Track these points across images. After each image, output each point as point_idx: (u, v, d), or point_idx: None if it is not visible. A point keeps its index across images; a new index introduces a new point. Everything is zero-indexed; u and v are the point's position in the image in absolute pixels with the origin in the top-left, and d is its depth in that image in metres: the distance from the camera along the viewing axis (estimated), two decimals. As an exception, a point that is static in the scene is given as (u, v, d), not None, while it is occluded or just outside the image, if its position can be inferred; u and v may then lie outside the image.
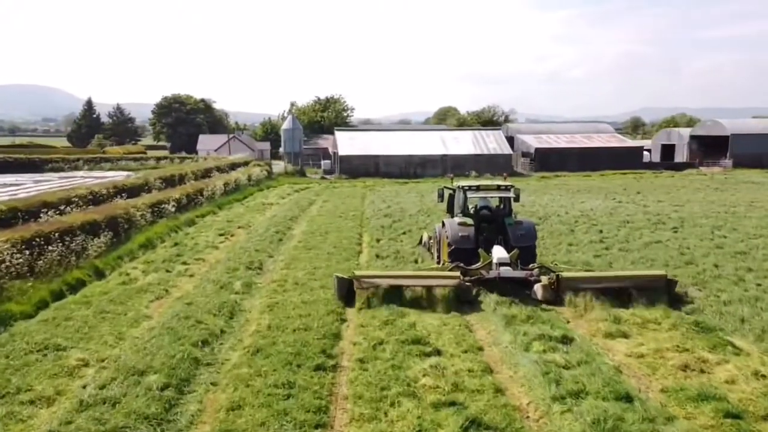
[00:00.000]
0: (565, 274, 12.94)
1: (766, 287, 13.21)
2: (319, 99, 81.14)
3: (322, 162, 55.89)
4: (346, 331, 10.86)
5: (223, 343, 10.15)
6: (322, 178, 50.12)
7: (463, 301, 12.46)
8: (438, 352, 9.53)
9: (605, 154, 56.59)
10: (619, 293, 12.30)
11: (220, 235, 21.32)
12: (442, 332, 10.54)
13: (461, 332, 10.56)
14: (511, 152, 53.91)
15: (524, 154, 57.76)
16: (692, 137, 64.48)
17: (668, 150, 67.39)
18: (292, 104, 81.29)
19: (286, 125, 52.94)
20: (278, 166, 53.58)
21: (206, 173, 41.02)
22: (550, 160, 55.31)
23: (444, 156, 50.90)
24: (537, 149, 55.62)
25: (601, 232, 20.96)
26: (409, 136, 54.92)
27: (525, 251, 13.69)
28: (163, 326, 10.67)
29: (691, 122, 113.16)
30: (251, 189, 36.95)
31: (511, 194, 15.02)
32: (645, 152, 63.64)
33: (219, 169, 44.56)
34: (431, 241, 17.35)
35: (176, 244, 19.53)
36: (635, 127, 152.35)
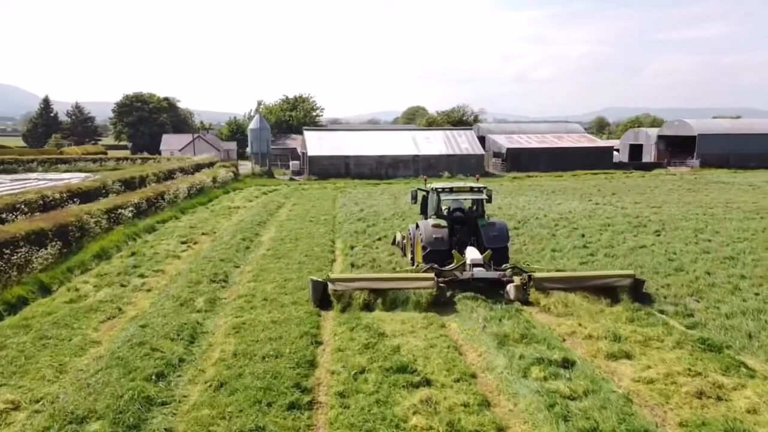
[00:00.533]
0: (537, 274, 13.01)
1: (765, 296, 12.55)
2: (287, 98, 79.27)
3: (291, 163, 54.40)
4: (322, 357, 9.71)
5: (182, 375, 8.87)
6: (291, 179, 48.68)
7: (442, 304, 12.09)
8: (428, 382, 8.46)
9: (576, 154, 56.52)
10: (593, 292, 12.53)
11: (183, 242, 19.88)
12: (429, 356, 9.47)
13: (450, 356, 9.51)
14: (484, 152, 53.33)
15: (496, 155, 57.29)
16: (660, 137, 65.12)
17: (636, 150, 67.95)
18: (260, 103, 79.24)
19: (252, 125, 51.22)
20: (245, 167, 51.89)
21: (169, 175, 39.25)
22: (521, 161, 54.93)
23: (416, 156, 50.00)
24: (509, 149, 55.17)
25: (583, 236, 20.24)
26: (380, 136, 53.89)
27: (498, 252, 13.88)
28: (113, 355, 9.34)
29: (655, 122, 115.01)
30: (216, 191, 35.36)
31: (484, 196, 15.01)
32: (614, 152, 64.00)
33: (183, 171, 42.79)
34: (404, 240, 17.45)
35: (134, 253, 18.03)
36: (600, 127, 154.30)
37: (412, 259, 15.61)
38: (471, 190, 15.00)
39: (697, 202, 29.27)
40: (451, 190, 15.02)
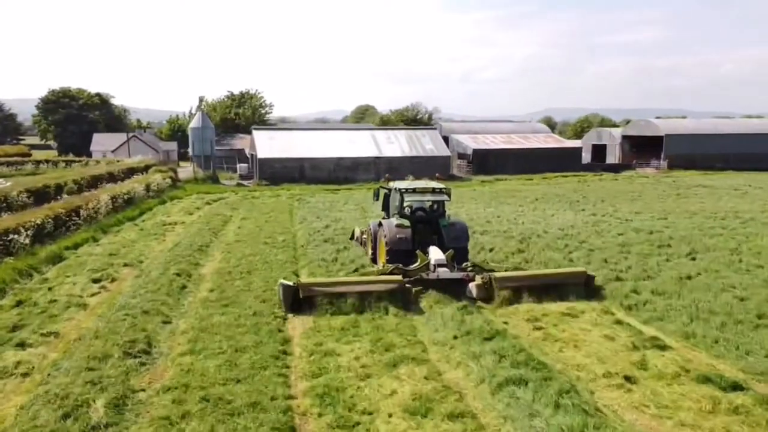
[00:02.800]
0: (497, 273, 13.40)
1: None
2: (232, 94, 72.88)
3: (239, 166, 49.02)
4: None
5: None
6: (239, 184, 43.48)
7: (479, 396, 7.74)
8: None
9: (544, 155, 53.66)
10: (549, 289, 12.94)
11: (95, 280, 14.92)
12: None
13: None
14: (450, 154, 49.59)
15: (460, 156, 53.72)
16: (624, 137, 63.26)
17: (599, 150, 65.94)
18: (202, 99, 72.30)
19: (194, 123, 45.43)
20: (186, 170, 46.32)
21: (94, 182, 33.67)
22: (488, 162, 51.58)
23: (377, 158, 45.73)
24: (475, 150, 51.65)
25: (606, 262, 16.47)
26: (338, 136, 49.17)
27: (458, 251, 14.16)
28: None
29: (603, 122, 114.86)
30: (150, 202, 30.02)
31: (446, 196, 15.22)
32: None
33: (112, 176, 37.15)
34: (364, 236, 17.72)
35: (20, 302, 12.97)
36: (548, 127, 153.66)
37: (373, 255, 16.00)
38: (433, 191, 15.19)
39: (702, 212, 26.19)
40: (414, 191, 15.18)
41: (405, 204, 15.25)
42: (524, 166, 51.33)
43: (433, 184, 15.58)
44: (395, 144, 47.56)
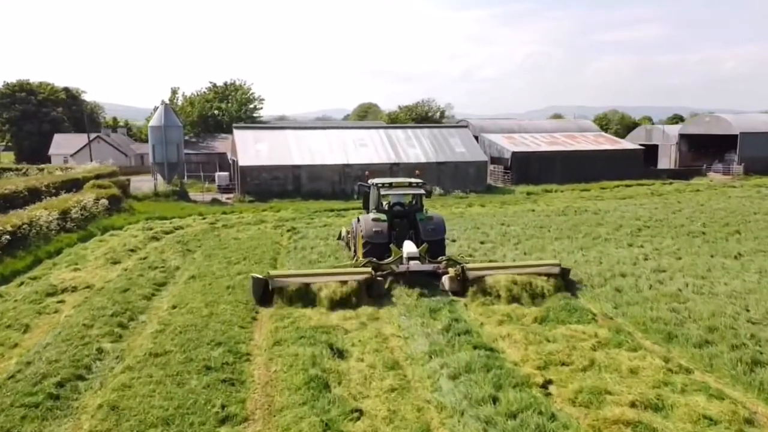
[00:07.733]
0: (469, 266, 13.36)
1: None
2: (215, 86, 61.72)
3: (217, 175, 38.73)
4: None
5: None
6: (214, 200, 33.29)
7: None
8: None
9: (597, 158, 43.57)
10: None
11: None
12: None
13: None
14: (486, 159, 39.42)
15: (494, 160, 43.56)
16: (682, 136, 53.24)
17: (649, 152, 55.79)
18: (174, 92, 59.94)
19: (154, 121, 34.79)
20: (147, 183, 36.05)
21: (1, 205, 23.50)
22: (530, 168, 41.49)
23: (395, 165, 35.52)
24: (514, 154, 41.52)
25: None
26: (344, 136, 38.75)
27: (435, 245, 14.25)
28: None
29: (623, 119, 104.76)
30: (63, 238, 19.85)
31: (422, 191, 15.34)
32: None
33: (37, 194, 27.08)
34: (349, 235, 17.49)
35: None
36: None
37: (354, 252, 15.79)
38: (410, 185, 15.56)
39: None
40: (391, 185, 15.50)
41: (382, 199, 15.39)
42: (573, 172, 41.33)
43: (410, 179, 15.92)
44: (417, 147, 37.41)
